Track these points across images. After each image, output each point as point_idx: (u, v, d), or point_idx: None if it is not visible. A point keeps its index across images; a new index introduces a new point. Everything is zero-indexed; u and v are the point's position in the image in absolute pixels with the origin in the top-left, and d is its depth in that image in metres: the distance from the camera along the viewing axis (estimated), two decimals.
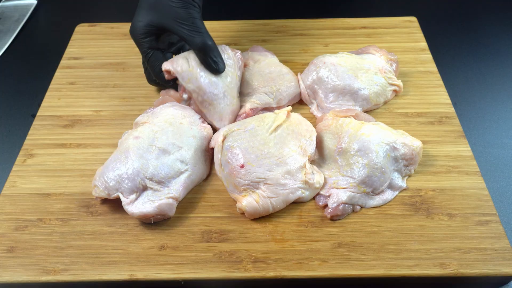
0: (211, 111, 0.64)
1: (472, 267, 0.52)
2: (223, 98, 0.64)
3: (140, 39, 0.63)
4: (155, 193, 0.56)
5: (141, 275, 0.52)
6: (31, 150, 0.65)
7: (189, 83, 0.62)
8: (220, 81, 0.63)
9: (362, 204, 0.58)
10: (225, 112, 0.64)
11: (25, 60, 0.85)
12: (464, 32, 0.88)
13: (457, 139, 0.65)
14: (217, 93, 0.63)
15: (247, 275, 0.52)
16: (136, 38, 0.64)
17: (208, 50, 0.61)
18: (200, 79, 0.62)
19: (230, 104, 0.64)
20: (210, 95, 0.63)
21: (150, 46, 0.64)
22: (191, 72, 0.62)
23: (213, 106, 0.63)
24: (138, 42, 0.64)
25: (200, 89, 0.62)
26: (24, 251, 0.54)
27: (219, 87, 0.63)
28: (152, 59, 0.64)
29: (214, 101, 0.63)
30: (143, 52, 0.65)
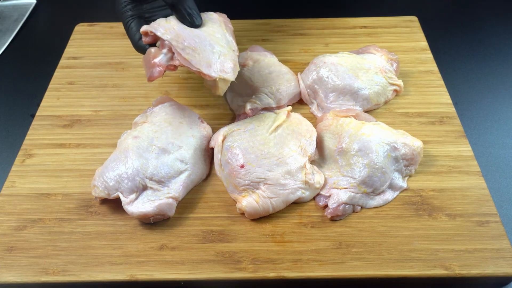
0: (196, 57, 0.57)
1: (473, 267, 0.52)
2: (209, 46, 0.58)
3: (121, 8, 0.62)
4: (154, 193, 0.56)
5: (140, 275, 0.52)
6: (30, 150, 0.65)
7: (166, 33, 0.57)
8: (203, 31, 0.59)
9: (362, 205, 0.58)
10: (213, 59, 0.57)
11: (24, 59, 0.85)
12: (465, 32, 0.88)
13: (458, 139, 0.65)
14: (200, 40, 0.58)
15: (247, 276, 0.52)
16: (118, 8, 0.62)
17: (181, 1, 0.58)
18: (179, 28, 0.58)
19: (218, 52, 0.58)
20: (192, 41, 0.57)
21: (132, 14, 0.62)
22: (168, 23, 0.58)
23: (197, 52, 0.57)
24: (120, 12, 0.62)
25: (179, 36, 0.57)
26: (23, 252, 0.54)
27: (202, 36, 0.58)
28: (132, 26, 0.62)
29: (197, 46, 0.57)
30: (124, 21, 0.62)
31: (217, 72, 0.57)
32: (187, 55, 0.57)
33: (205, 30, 0.59)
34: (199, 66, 0.56)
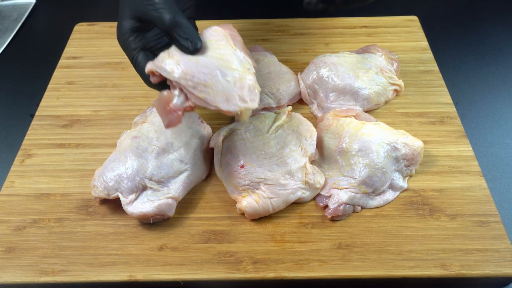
0: (210, 93, 0.50)
1: (474, 268, 0.52)
2: (221, 74, 0.51)
3: (124, 41, 0.55)
4: (154, 193, 0.56)
5: (140, 276, 0.52)
6: (29, 150, 0.65)
7: (173, 72, 0.50)
8: (209, 57, 0.52)
9: (362, 205, 0.58)
10: (229, 89, 0.50)
11: (23, 59, 0.85)
12: (466, 32, 0.88)
13: (458, 139, 0.65)
14: (209, 71, 0.50)
15: (247, 276, 0.52)
16: (121, 40, 0.56)
17: (173, 26, 0.51)
18: (184, 61, 0.51)
19: (233, 79, 0.51)
20: (201, 75, 0.50)
21: (136, 46, 0.55)
22: (171, 59, 0.51)
23: (211, 87, 0.50)
24: (124, 46, 0.56)
25: (186, 72, 0.50)
26: (22, 252, 0.54)
27: (210, 64, 0.51)
28: (139, 61, 0.55)
29: (209, 80, 0.50)
30: (129, 56, 0.56)
31: (237, 104, 0.50)
32: (201, 93, 0.50)
33: (212, 54, 0.52)
34: (216, 103, 0.50)
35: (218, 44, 0.53)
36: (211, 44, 0.53)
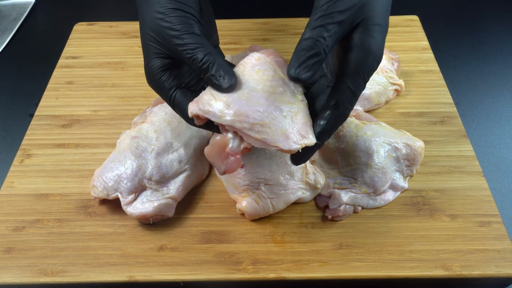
0: (269, 133, 0.46)
1: (474, 268, 0.52)
2: (276, 110, 0.46)
3: (157, 81, 0.50)
4: (154, 193, 0.56)
5: (140, 276, 0.52)
6: (28, 150, 0.65)
7: (224, 116, 0.45)
8: (260, 92, 0.46)
9: (363, 205, 0.58)
10: (287, 126, 0.46)
11: (22, 59, 0.85)
12: (466, 31, 0.88)
13: (459, 139, 0.65)
14: (264, 108, 0.46)
15: (247, 277, 0.52)
16: (152, 81, 0.50)
17: (207, 66, 0.47)
18: (232, 102, 0.45)
19: (290, 114, 0.47)
20: (256, 114, 0.45)
21: (171, 86, 0.50)
22: (219, 102, 0.46)
23: (268, 126, 0.45)
24: (157, 86, 0.50)
25: (240, 114, 0.45)
26: (21, 252, 0.54)
27: (264, 100, 0.46)
28: (178, 101, 0.50)
29: (265, 118, 0.45)
30: (165, 97, 0.51)
31: (297, 141, 0.46)
32: (259, 134, 0.45)
33: (263, 88, 0.47)
34: (276, 143, 0.46)
35: (267, 75, 0.47)
36: (259, 76, 0.47)
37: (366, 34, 0.45)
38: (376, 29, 0.45)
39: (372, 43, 0.45)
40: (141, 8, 0.51)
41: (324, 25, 0.44)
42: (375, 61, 0.46)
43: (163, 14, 0.48)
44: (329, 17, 0.44)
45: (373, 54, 0.45)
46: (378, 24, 0.46)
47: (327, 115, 0.47)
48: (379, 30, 0.46)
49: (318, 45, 0.44)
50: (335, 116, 0.47)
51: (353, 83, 0.46)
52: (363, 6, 0.45)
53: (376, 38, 0.45)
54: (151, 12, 0.49)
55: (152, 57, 0.50)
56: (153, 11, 0.49)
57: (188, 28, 0.47)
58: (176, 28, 0.47)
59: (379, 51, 0.46)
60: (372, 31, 0.45)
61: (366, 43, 0.45)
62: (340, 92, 0.46)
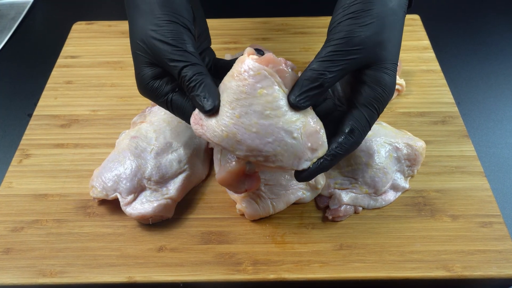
0: (283, 160, 0.46)
1: (476, 269, 0.52)
2: (285, 133, 0.45)
3: (149, 88, 0.49)
4: (153, 194, 0.56)
5: (139, 277, 0.52)
6: (27, 150, 0.65)
7: (236, 150, 0.46)
8: (267, 119, 0.45)
9: (364, 205, 0.58)
10: (299, 147, 0.46)
11: (21, 59, 0.85)
12: (468, 30, 0.89)
13: (460, 139, 0.65)
14: (275, 138, 0.45)
15: (247, 278, 0.52)
16: (145, 89, 0.50)
17: (193, 85, 0.46)
18: (242, 136, 0.45)
19: (299, 132, 0.46)
20: (268, 146, 0.45)
21: (166, 91, 0.49)
22: (228, 136, 0.46)
23: (281, 154, 0.46)
24: (150, 93, 0.50)
25: (252, 149, 0.45)
26: (20, 253, 0.54)
27: (272, 128, 0.45)
28: (175, 104, 0.49)
29: (277, 147, 0.45)
30: (161, 103, 0.50)
31: (310, 156, 0.47)
32: (274, 164, 0.46)
33: (270, 113, 0.45)
34: (291, 166, 0.47)
35: (271, 95, 0.45)
36: (264, 99, 0.45)
37: (380, 71, 0.47)
38: (389, 66, 0.47)
39: (387, 79, 0.47)
40: (132, 16, 0.50)
41: (333, 61, 0.45)
42: (389, 95, 0.48)
43: (157, 26, 0.48)
44: (340, 54, 0.45)
45: (387, 88, 0.48)
46: (391, 62, 0.48)
47: (341, 141, 0.48)
48: (392, 67, 0.48)
49: (322, 79, 0.45)
50: (350, 142, 0.48)
51: (368, 113, 0.48)
52: (376, 47, 0.46)
53: (390, 74, 0.47)
54: (143, 22, 0.48)
55: (143, 66, 0.49)
56: (146, 21, 0.48)
57: (181, 44, 0.47)
58: (169, 42, 0.47)
59: (392, 85, 0.48)
60: (385, 68, 0.47)
61: (381, 79, 0.47)
62: (356, 120, 0.48)
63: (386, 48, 0.47)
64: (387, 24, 0.47)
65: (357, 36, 0.45)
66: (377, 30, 0.46)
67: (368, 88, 0.47)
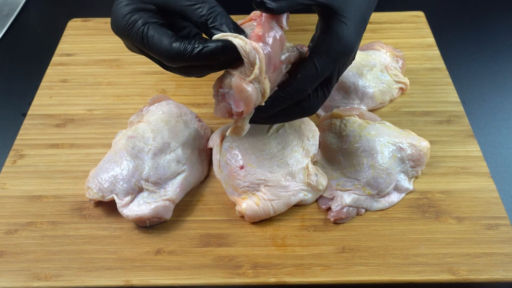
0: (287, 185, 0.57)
1: (482, 272, 0.52)
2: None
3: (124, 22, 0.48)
4: (151, 195, 0.56)
5: (136, 281, 0.52)
6: (21, 150, 0.65)
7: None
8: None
9: (367, 207, 0.58)
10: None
11: (15, 56, 0.85)
12: (473, 28, 0.89)
13: (466, 139, 0.65)
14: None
15: (247, 281, 0.52)
16: (120, 22, 0.48)
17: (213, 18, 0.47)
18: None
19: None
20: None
21: (143, 21, 0.47)
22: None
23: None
24: (124, 26, 0.48)
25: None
26: (14, 256, 0.54)
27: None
28: (150, 34, 0.46)
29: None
30: (136, 35, 0.47)
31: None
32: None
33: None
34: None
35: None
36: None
37: (337, 22, 0.48)
38: (349, 18, 0.49)
39: (344, 29, 0.48)
40: None
41: None
42: (344, 47, 0.49)
43: None
44: None
45: (342, 39, 0.48)
46: (352, 15, 0.49)
47: (285, 84, 0.49)
48: (353, 20, 0.49)
49: None
50: (293, 87, 0.49)
51: (318, 61, 0.48)
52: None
53: (348, 25, 0.49)
54: None
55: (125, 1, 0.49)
56: None
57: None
58: None
59: (349, 38, 0.49)
60: (343, 20, 0.48)
61: (337, 28, 0.48)
62: (305, 67, 0.49)
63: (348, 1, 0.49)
64: None
65: None
66: None
67: (322, 36, 0.49)
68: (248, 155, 0.58)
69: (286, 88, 0.49)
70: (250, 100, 0.47)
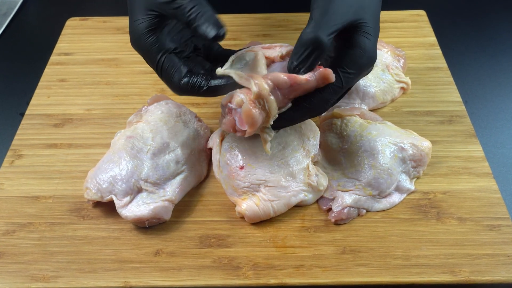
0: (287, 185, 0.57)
1: (484, 273, 0.52)
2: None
3: (143, 41, 0.51)
4: (150, 196, 0.56)
5: (135, 282, 0.52)
6: (19, 150, 0.65)
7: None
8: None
9: (368, 208, 0.58)
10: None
11: (13, 56, 0.85)
12: (475, 27, 0.89)
13: (468, 139, 0.65)
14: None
15: (247, 283, 0.52)
16: (140, 42, 0.52)
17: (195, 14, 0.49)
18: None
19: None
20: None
21: (159, 49, 0.52)
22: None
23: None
24: (144, 47, 0.52)
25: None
26: (12, 257, 0.54)
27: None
28: (165, 67, 0.52)
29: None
30: (153, 62, 0.52)
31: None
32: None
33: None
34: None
35: None
36: None
37: (361, 35, 0.50)
38: (370, 31, 0.51)
39: (366, 43, 0.50)
40: None
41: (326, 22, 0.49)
42: (368, 60, 0.51)
43: None
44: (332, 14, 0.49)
45: (366, 52, 0.50)
46: (371, 27, 0.51)
47: (311, 95, 0.51)
48: (373, 32, 0.51)
49: (317, 42, 0.48)
50: (317, 98, 0.51)
51: (343, 74, 0.50)
52: (360, 9, 0.50)
53: (370, 38, 0.51)
54: None
55: (139, 14, 0.51)
56: None
57: None
58: None
59: (372, 50, 0.51)
60: (366, 33, 0.51)
61: (361, 42, 0.50)
62: None
63: (367, 11, 0.51)
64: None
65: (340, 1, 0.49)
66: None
67: (348, 50, 0.50)
68: (248, 155, 0.58)
69: (311, 99, 0.51)
70: (255, 124, 0.50)
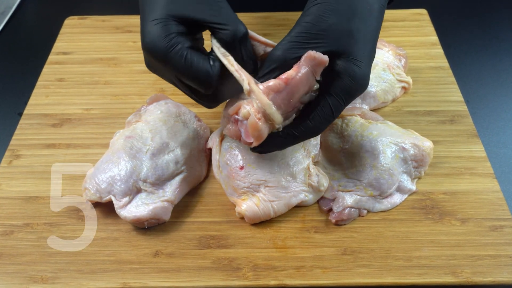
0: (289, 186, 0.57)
1: (486, 275, 0.52)
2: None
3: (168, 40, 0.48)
4: (149, 196, 0.56)
5: (134, 283, 0.52)
6: (17, 150, 0.65)
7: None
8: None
9: (369, 208, 0.58)
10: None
11: (11, 55, 0.85)
12: (478, 25, 0.89)
13: (470, 139, 0.65)
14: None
15: (247, 284, 0.52)
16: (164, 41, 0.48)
17: (244, 40, 0.51)
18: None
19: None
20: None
21: (184, 45, 0.49)
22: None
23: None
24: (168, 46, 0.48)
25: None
26: (10, 258, 0.54)
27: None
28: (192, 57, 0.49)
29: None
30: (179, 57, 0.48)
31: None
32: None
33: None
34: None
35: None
36: None
37: (350, 62, 0.48)
38: (361, 59, 0.48)
39: (356, 71, 0.48)
40: None
41: (298, 43, 0.47)
42: (358, 88, 0.49)
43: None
44: (305, 37, 0.47)
45: (356, 81, 0.48)
46: (364, 55, 0.48)
47: (299, 122, 0.50)
48: (365, 60, 0.48)
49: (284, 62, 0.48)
50: (308, 127, 0.50)
51: (333, 102, 0.49)
52: (344, 35, 0.47)
53: (361, 66, 0.48)
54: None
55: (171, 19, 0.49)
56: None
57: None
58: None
59: (363, 79, 0.49)
60: (356, 60, 0.48)
61: (351, 70, 0.48)
62: (320, 108, 0.49)
63: (356, 38, 0.48)
64: (357, 13, 0.48)
65: (324, 22, 0.47)
66: (346, 17, 0.47)
67: (336, 78, 0.49)
68: (248, 155, 0.58)
69: (300, 127, 0.50)
70: (261, 138, 0.49)
